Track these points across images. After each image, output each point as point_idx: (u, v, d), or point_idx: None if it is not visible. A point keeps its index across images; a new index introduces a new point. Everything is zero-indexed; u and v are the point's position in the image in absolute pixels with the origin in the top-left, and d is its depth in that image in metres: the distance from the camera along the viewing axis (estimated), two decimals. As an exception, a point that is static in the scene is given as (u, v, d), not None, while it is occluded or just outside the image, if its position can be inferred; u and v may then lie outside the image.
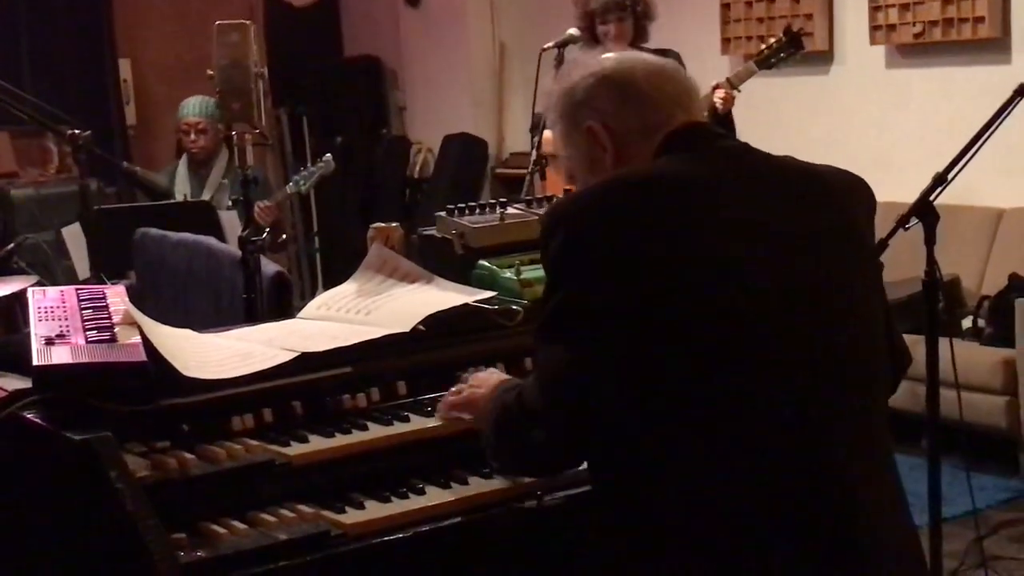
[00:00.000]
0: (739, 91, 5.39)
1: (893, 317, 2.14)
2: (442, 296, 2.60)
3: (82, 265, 4.98)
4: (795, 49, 5.47)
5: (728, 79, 5.42)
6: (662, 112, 2.07)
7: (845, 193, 2.08)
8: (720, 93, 5.34)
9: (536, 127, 5.00)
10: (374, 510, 2.13)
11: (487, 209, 2.97)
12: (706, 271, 1.90)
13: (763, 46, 5.56)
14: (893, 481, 2.02)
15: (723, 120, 5.36)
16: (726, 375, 1.88)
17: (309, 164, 6.24)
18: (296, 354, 2.36)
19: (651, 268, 1.88)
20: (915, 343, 3.63)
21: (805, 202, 2.03)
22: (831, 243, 2.01)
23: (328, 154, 6.09)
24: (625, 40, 5.32)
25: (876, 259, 2.14)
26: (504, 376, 2.30)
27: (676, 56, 5.47)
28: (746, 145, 2.14)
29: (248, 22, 3.52)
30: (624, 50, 5.20)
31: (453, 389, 2.35)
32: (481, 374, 2.34)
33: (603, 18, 5.31)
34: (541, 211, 2.90)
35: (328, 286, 3.68)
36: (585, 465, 2.07)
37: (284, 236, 6.18)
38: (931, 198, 3.49)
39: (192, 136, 6.08)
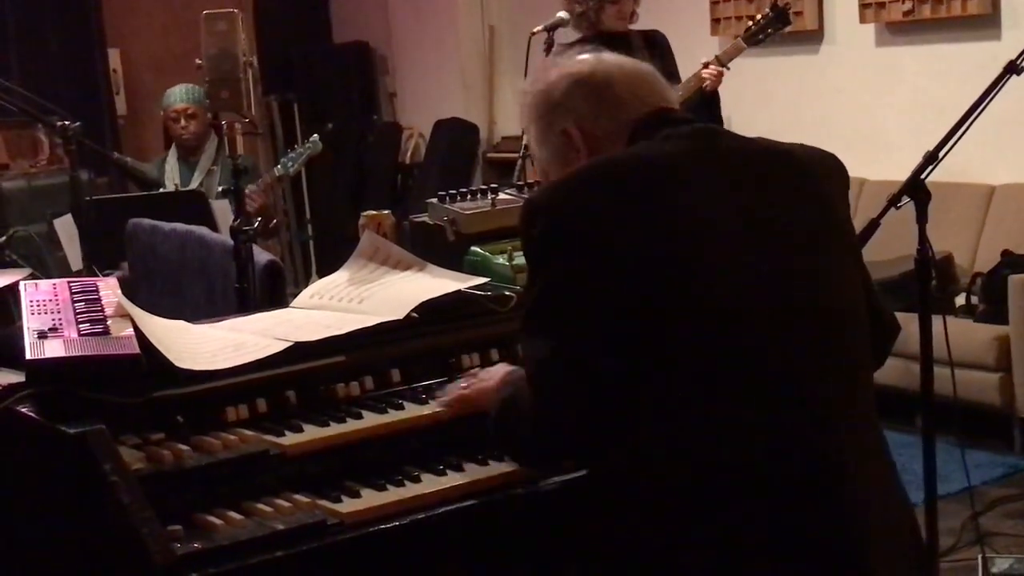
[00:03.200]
0: (728, 68, 5.38)
1: (875, 289, 2.15)
2: (435, 283, 2.60)
3: (74, 256, 4.97)
4: (782, 24, 5.47)
5: (717, 56, 5.42)
6: (636, 116, 2.09)
7: (816, 169, 2.10)
8: (709, 70, 5.33)
9: None
10: (370, 498, 2.13)
11: (478, 195, 2.97)
12: (682, 250, 1.91)
13: (750, 22, 5.56)
14: (882, 454, 2.03)
15: (710, 98, 5.36)
16: (704, 349, 1.89)
17: (297, 146, 6.22)
18: (289, 343, 2.36)
19: (629, 249, 1.90)
20: (908, 321, 3.64)
21: (775, 179, 2.04)
22: (803, 218, 2.02)
23: (315, 135, 6.07)
24: (629, 20, 5.33)
25: (851, 233, 2.14)
26: (510, 368, 2.29)
27: (662, 37, 5.48)
28: (714, 127, 2.16)
29: (236, 11, 3.51)
30: (626, 30, 5.25)
31: (462, 382, 2.35)
32: (490, 369, 2.35)
33: None
34: (532, 196, 2.90)
35: (322, 273, 3.67)
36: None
37: (275, 221, 6.18)
38: (922, 176, 3.49)
39: (182, 122, 6.07)
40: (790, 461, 1.89)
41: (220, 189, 5.54)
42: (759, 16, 5.51)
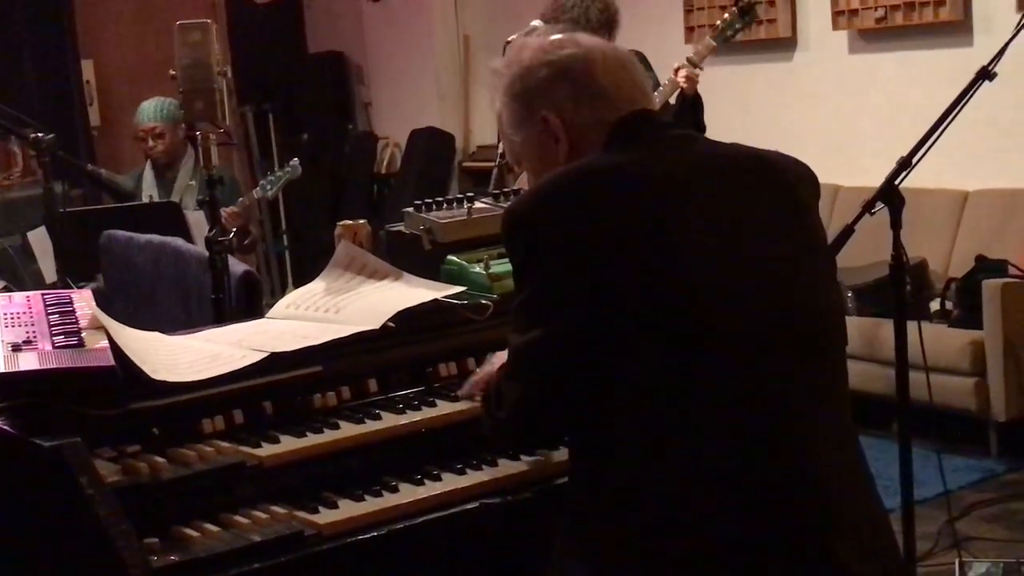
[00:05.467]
0: (701, 69, 5.37)
1: (843, 301, 2.17)
2: (411, 292, 2.60)
3: (48, 269, 4.95)
4: (750, 19, 5.47)
5: (688, 58, 5.40)
6: (617, 108, 2.09)
7: (791, 176, 2.11)
8: (683, 73, 5.32)
9: None
10: (348, 509, 2.12)
11: (454, 204, 2.96)
12: (660, 256, 1.93)
13: (718, 21, 5.57)
14: (856, 458, 2.05)
15: (693, 101, 5.35)
16: (681, 353, 1.90)
17: (276, 167, 6.22)
18: (265, 354, 2.35)
19: (608, 258, 1.91)
20: (883, 326, 3.67)
21: (752, 185, 2.06)
22: (780, 223, 2.04)
23: (295, 159, 6.08)
24: None
25: (824, 239, 2.16)
26: None
27: (641, 57, 5.47)
28: (691, 133, 2.17)
29: (210, 21, 3.50)
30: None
31: (479, 369, 2.41)
32: (500, 352, 2.36)
33: None
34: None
35: (297, 284, 3.66)
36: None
37: (252, 237, 6.16)
38: (896, 182, 3.50)
39: (150, 142, 6.03)
40: (760, 461, 1.90)
41: (197, 202, 5.52)
42: (726, 15, 5.51)
